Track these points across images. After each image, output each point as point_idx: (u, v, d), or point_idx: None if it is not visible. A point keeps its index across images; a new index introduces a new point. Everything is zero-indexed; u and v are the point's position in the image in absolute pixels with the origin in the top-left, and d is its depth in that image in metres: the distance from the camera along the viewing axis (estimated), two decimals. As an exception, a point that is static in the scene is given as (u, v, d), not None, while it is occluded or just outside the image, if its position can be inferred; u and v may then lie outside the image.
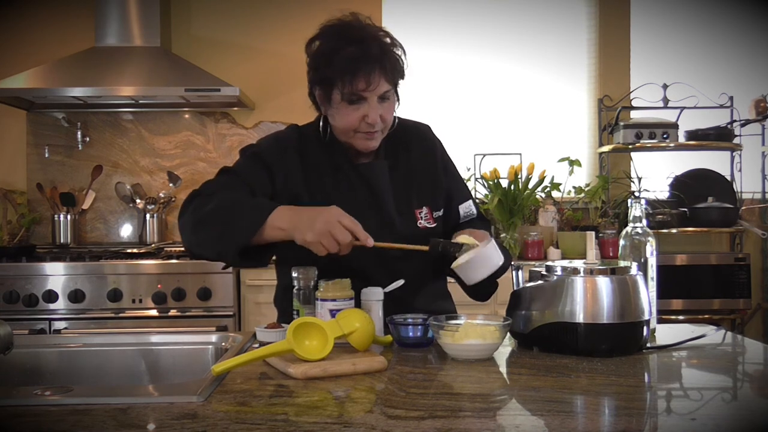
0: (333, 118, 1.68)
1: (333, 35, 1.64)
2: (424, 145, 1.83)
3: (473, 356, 1.42)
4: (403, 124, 1.80)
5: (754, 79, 4.14)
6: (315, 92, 1.69)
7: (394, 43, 1.65)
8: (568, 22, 4.14)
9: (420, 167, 1.79)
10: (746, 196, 4.11)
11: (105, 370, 1.65)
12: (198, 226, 1.56)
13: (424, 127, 1.87)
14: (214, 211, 1.54)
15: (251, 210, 1.52)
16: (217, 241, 1.53)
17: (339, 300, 1.53)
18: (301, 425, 1.03)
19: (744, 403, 1.22)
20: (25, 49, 3.93)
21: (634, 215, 1.68)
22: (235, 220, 1.51)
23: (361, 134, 1.65)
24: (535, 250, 3.50)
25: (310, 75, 1.68)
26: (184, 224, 1.60)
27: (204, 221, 1.55)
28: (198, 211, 1.57)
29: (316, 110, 1.74)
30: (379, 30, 1.65)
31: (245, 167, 1.69)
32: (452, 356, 1.44)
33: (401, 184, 1.74)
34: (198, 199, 1.60)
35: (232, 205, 1.54)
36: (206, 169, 3.99)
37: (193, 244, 1.59)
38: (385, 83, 1.62)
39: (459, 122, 3.97)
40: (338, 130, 1.68)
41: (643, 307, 1.47)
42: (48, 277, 3.16)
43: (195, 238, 1.58)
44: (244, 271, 3.29)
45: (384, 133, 1.70)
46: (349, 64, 1.58)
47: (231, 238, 1.51)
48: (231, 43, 4.01)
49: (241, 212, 1.53)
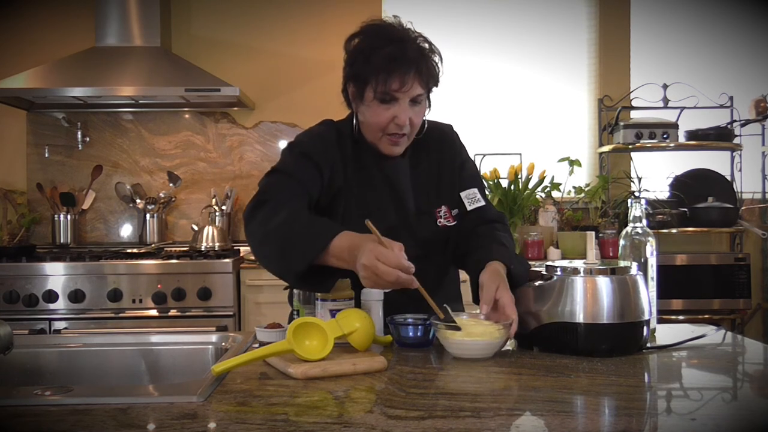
0: (363, 115, 1.69)
1: (373, 34, 1.66)
2: (444, 144, 1.84)
3: (476, 355, 1.42)
4: (427, 125, 1.81)
5: (754, 79, 4.14)
6: (348, 88, 1.70)
7: (432, 49, 1.67)
8: (568, 22, 4.14)
9: (440, 166, 1.80)
10: (746, 196, 4.11)
11: (105, 370, 1.65)
12: (264, 241, 1.53)
13: (446, 126, 1.89)
14: (280, 228, 1.50)
15: (313, 236, 1.47)
16: (279, 261, 1.51)
17: (339, 300, 1.53)
18: (301, 425, 1.03)
19: (744, 403, 1.22)
20: (25, 49, 3.93)
21: (634, 215, 1.68)
22: (295, 245, 1.47)
23: (388, 137, 1.67)
24: (535, 250, 3.50)
25: (345, 70, 1.69)
26: (253, 233, 1.57)
27: (270, 237, 1.51)
28: (267, 223, 1.53)
29: (347, 107, 1.76)
30: (420, 35, 1.67)
31: (298, 167, 1.67)
32: (454, 355, 1.44)
33: (422, 183, 1.76)
34: (267, 208, 1.56)
35: (295, 226, 1.50)
36: (206, 169, 4.00)
37: (259, 257, 1.58)
38: (419, 87, 1.63)
39: (459, 122, 3.96)
40: (367, 128, 1.70)
41: (643, 307, 1.47)
42: (48, 277, 3.16)
43: (260, 253, 1.56)
44: (244, 271, 3.29)
45: (410, 139, 1.71)
46: (386, 62, 1.59)
47: (289, 263, 1.47)
48: (231, 43, 4.01)
49: (302, 236, 1.48)
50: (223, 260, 3.23)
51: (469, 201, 1.79)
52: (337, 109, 1.88)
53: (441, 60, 1.69)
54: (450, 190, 1.80)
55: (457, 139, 1.88)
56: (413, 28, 1.68)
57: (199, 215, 3.93)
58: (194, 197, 4.00)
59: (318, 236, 1.46)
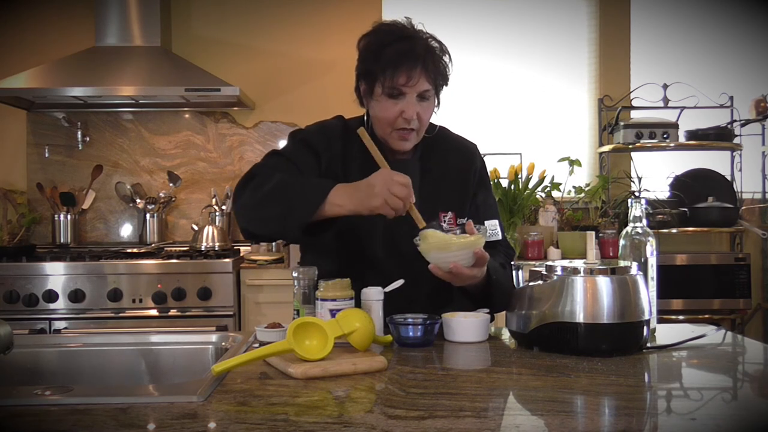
0: (373, 110, 1.72)
1: (384, 32, 1.70)
2: (463, 157, 1.86)
3: (457, 257, 1.50)
4: (448, 135, 1.87)
5: (754, 79, 4.14)
6: (360, 86, 1.74)
7: (443, 49, 1.71)
8: (568, 22, 4.14)
9: (453, 175, 1.82)
10: (746, 196, 4.11)
11: (105, 370, 1.65)
12: (259, 206, 1.61)
13: (469, 143, 1.91)
14: (274, 191, 1.59)
15: (311, 189, 1.58)
16: (280, 220, 1.58)
17: (339, 300, 1.53)
18: (301, 425, 1.03)
19: (744, 403, 1.22)
20: (25, 49, 3.93)
21: (634, 215, 1.68)
22: (296, 199, 1.57)
23: (397, 132, 1.70)
24: (535, 250, 3.49)
25: (357, 68, 1.73)
26: (244, 205, 1.65)
27: (264, 201, 1.60)
28: (257, 191, 1.62)
29: (360, 105, 1.79)
30: (431, 35, 1.71)
31: (294, 151, 1.75)
32: (434, 263, 1.52)
33: (430, 187, 1.77)
34: (255, 181, 1.65)
35: (291, 185, 1.59)
36: (206, 169, 4.00)
37: (253, 224, 1.65)
38: (426, 82, 1.66)
39: (459, 122, 3.97)
40: (377, 124, 1.73)
41: (643, 307, 1.47)
42: (48, 277, 3.16)
43: (256, 218, 1.63)
44: (244, 270, 3.29)
45: (419, 135, 1.74)
46: (394, 57, 1.63)
47: (293, 217, 1.56)
48: (231, 43, 4.01)
49: (301, 191, 1.58)
50: (223, 260, 3.23)
51: (490, 233, 1.82)
52: (338, 109, 1.88)
53: (450, 61, 1.72)
54: (460, 199, 1.81)
55: (478, 156, 1.89)
56: (425, 29, 1.72)
57: (199, 215, 3.93)
58: (194, 197, 4.00)
59: (317, 186, 1.58)
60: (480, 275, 1.57)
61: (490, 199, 1.90)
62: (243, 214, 1.66)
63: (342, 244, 1.72)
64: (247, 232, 1.67)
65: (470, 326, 1.58)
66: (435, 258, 1.53)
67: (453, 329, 1.58)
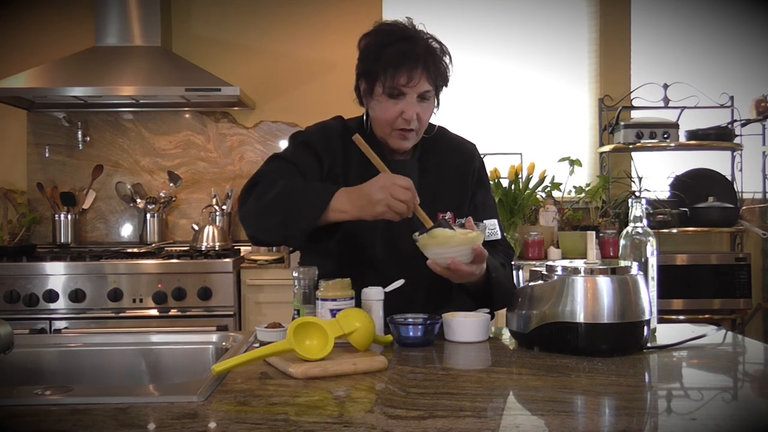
0: (373, 110, 1.73)
1: (385, 32, 1.70)
2: (462, 157, 1.86)
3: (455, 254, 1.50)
4: (447, 136, 1.86)
5: (754, 79, 4.14)
6: (360, 85, 1.74)
7: (443, 50, 1.72)
8: (568, 22, 4.14)
9: (452, 175, 1.82)
10: (747, 196, 4.11)
11: (105, 370, 1.65)
12: (263, 214, 1.62)
13: (468, 143, 1.91)
14: (278, 198, 1.60)
15: (314, 196, 1.59)
16: (283, 228, 1.59)
17: (339, 300, 1.53)
18: (302, 425, 1.03)
19: (744, 403, 1.22)
20: (25, 49, 3.93)
21: (634, 215, 1.68)
22: (299, 207, 1.58)
23: (397, 132, 1.70)
24: (536, 249, 3.49)
25: (357, 67, 1.74)
26: (248, 212, 1.66)
27: (268, 209, 1.61)
28: (261, 198, 1.63)
29: (359, 104, 1.79)
30: (432, 36, 1.72)
31: (295, 154, 1.75)
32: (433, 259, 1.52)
33: (428, 187, 1.76)
34: (258, 188, 1.66)
35: (294, 192, 1.60)
36: (206, 169, 4.00)
37: (258, 231, 1.66)
38: (426, 83, 1.67)
39: (459, 122, 3.97)
40: (377, 124, 1.73)
41: (643, 307, 1.47)
42: (48, 277, 3.16)
43: (260, 226, 1.64)
44: (245, 270, 3.29)
45: (419, 135, 1.74)
46: (395, 58, 1.64)
47: (296, 225, 1.57)
48: (231, 43, 4.01)
49: (304, 199, 1.59)
50: (223, 260, 3.23)
51: (489, 232, 1.82)
52: (338, 109, 1.88)
53: (451, 62, 1.73)
54: (459, 199, 1.81)
55: (476, 156, 1.89)
56: (425, 30, 1.72)
57: (200, 215, 3.92)
58: (195, 197, 4.00)
59: (320, 193, 1.59)
60: (479, 272, 1.57)
61: (489, 199, 1.90)
62: (248, 223, 1.68)
63: (342, 244, 1.71)
64: (254, 239, 1.70)
65: (470, 326, 1.58)
66: (433, 253, 1.53)
67: (453, 329, 1.58)
